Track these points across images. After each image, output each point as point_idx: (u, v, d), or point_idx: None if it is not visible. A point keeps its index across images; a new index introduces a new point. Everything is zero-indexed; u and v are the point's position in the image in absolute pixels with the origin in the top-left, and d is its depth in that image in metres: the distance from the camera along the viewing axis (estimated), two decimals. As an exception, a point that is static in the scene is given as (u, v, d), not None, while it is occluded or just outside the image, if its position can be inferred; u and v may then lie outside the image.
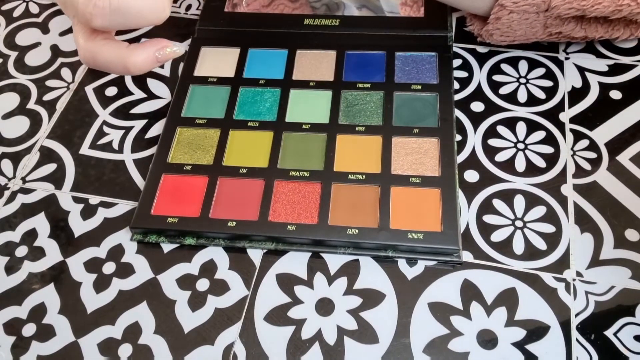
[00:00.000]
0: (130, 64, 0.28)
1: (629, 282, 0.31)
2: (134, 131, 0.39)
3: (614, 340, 0.29)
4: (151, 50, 0.28)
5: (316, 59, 0.40)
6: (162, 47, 0.29)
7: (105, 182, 0.37)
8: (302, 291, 0.32)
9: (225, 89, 0.39)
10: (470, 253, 0.32)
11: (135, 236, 0.34)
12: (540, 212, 0.33)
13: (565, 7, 0.33)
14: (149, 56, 0.28)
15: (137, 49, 0.28)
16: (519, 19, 0.35)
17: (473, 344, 0.30)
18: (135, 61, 0.28)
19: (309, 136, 0.36)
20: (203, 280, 0.33)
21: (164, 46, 0.29)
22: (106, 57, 0.28)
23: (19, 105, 0.42)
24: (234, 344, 0.30)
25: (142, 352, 0.31)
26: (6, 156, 0.39)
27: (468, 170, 0.35)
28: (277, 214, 0.33)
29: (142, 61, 0.28)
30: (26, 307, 0.33)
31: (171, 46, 0.29)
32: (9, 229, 0.36)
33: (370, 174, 0.34)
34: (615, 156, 0.35)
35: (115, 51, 0.28)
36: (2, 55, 0.45)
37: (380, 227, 0.32)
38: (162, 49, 0.29)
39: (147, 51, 0.28)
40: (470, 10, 0.38)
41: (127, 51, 0.28)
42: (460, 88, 0.39)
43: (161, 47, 0.28)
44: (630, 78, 0.39)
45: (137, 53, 0.28)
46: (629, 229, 0.32)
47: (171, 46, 0.29)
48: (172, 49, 0.29)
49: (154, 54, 0.28)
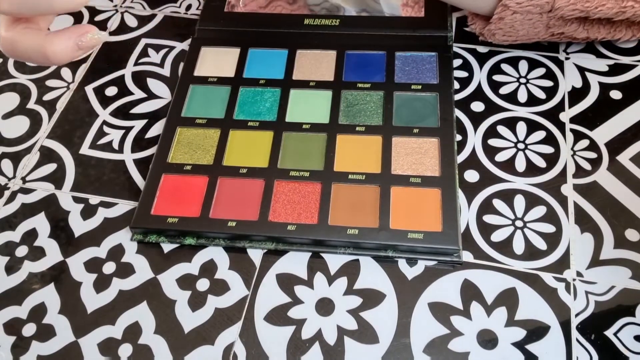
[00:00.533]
0: (49, 52, 0.26)
1: (629, 282, 0.31)
2: (134, 131, 0.39)
3: (614, 340, 0.29)
4: (71, 37, 0.26)
5: (316, 59, 0.40)
6: (83, 32, 0.26)
7: (105, 182, 0.37)
8: (302, 291, 0.32)
9: (225, 89, 0.39)
10: (471, 253, 0.32)
11: (135, 236, 0.34)
12: (541, 212, 0.33)
13: (569, 8, 0.33)
14: (68, 45, 0.26)
15: (56, 37, 0.26)
16: (522, 19, 0.35)
17: (473, 344, 0.30)
18: (54, 50, 0.26)
19: (309, 136, 0.36)
20: (203, 280, 0.33)
21: (85, 32, 0.26)
22: (25, 46, 0.26)
23: (19, 105, 0.42)
24: (234, 344, 0.30)
25: (142, 352, 0.31)
26: (6, 156, 0.39)
27: (468, 170, 0.35)
28: (277, 214, 0.33)
29: (61, 50, 0.26)
30: (26, 307, 0.33)
31: (93, 32, 0.27)
32: (9, 229, 0.36)
33: (370, 174, 0.34)
34: (616, 156, 0.35)
35: (34, 39, 0.26)
36: (2, 55, 0.45)
37: (380, 227, 0.32)
38: (83, 35, 0.26)
39: (66, 39, 0.26)
40: (472, 10, 0.38)
41: (46, 39, 0.26)
42: (460, 88, 0.39)
43: (82, 32, 0.26)
44: (630, 78, 0.39)
45: (56, 42, 0.26)
46: (629, 229, 0.32)
47: (93, 32, 0.27)
48: (93, 34, 0.27)
49: (75, 42, 0.26)
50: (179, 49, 0.44)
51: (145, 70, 0.42)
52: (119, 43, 0.44)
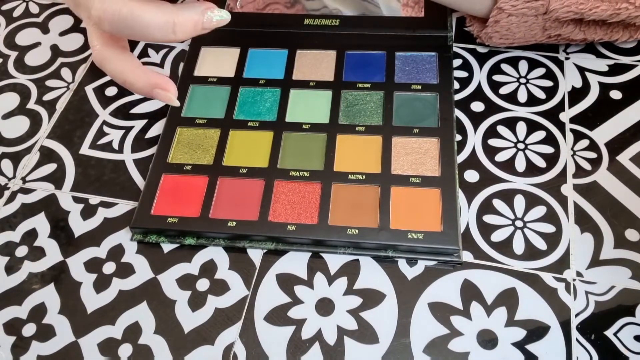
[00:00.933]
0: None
1: (629, 282, 0.31)
2: (134, 131, 0.39)
3: (614, 340, 0.29)
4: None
5: (316, 59, 0.40)
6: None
7: (105, 182, 0.37)
8: (302, 291, 0.32)
9: (225, 89, 0.39)
10: (470, 253, 0.32)
11: (135, 236, 0.34)
12: (541, 212, 0.33)
13: (563, 10, 0.33)
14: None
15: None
16: (518, 21, 0.35)
17: (473, 344, 0.30)
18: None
19: (309, 136, 0.36)
20: (203, 280, 0.33)
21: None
22: (113, 68, 0.28)
23: (19, 105, 0.42)
24: (234, 344, 0.30)
25: (142, 352, 0.31)
26: (6, 156, 0.39)
27: (468, 170, 0.35)
28: (277, 214, 0.33)
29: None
30: (26, 307, 0.33)
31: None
32: (9, 229, 0.36)
33: (370, 174, 0.34)
34: (616, 156, 0.35)
35: (123, 66, 0.28)
36: (2, 55, 0.45)
37: (380, 227, 0.32)
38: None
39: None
40: (469, 12, 0.38)
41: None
42: (460, 88, 0.39)
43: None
44: (630, 78, 0.39)
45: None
46: (629, 229, 0.32)
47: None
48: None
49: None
50: (179, 49, 0.44)
51: (145, 70, 0.42)
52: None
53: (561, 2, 0.33)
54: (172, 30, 0.26)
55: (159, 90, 0.28)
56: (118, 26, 0.25)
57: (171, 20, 0.25)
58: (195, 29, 0.26)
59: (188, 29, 0.26)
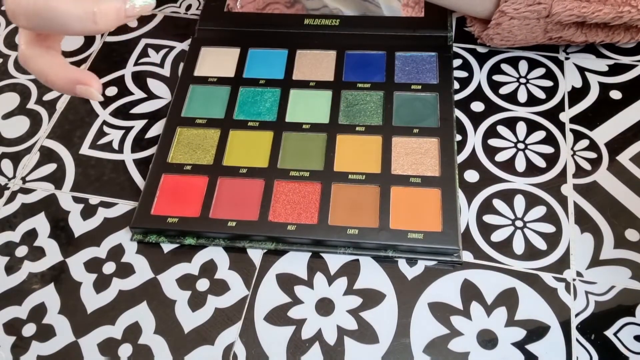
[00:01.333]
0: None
1: (629, 282, 0.31)
2: (134, 131, 0.39)
3: (614, 340, 0.29)
4: (74, 75, 0.26)
5: (316, 59, 0.40)
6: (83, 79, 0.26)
7: (105, 182, 0.37)
8: (302, 291, 0.32)
9: (225, 89, 0.39)
10: (470, 253, 0.32)
11: (135, 236, 0.34)
12: (540, 212, 0.33)
13: (566, 13, 0.33)
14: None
15: (64, 71, 0.26)
16: (520, 24, 0.35)
17: (473, 344, 0.30)
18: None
19: (309, 136, 0.36)
20: (203, 280, 0.33)
21: (87, 81, 0.26)
22: (35, 68, 0.27)
23: (19, 105, 0.42)
24: (234, 344, 0.30)
25: (142, 352, 0.31)
26: (6, 156, 0.39)
27: (468, 170, 0.35)
28: (277, 214, 0.33)
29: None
30: (26, 307, 0.33)
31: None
32: (9, 229, 0.35)
33: (370, 174, 0.34)
34: (616, 156, 0.35)
35: (45, 66, 0.27)
36: (2, 55, 0.45)
37: (380, 227, 0.32)
38: (84, 83, 0.26)
39: (71, 73, 0.26)
40: (470, 14, 0.38)
41: (55, 69, 0.26)
42: (460, 88, 0.39)
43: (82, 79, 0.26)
44: (630, 78, 0.39)
45: (61, 74, 0.26)
46: (629, 229, 0.32)
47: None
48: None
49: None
50: (179, 49, 0.44)
51: (145, 70, 0.42)
52: (119, 43, 0.44)
53: (563, 6, 0.33)
54: (92, 20, 0.24)
55: (80, 86, 0.27)
56: (34, 20, 0.24)
57: (91, 10, 0.24)
58: (118, 18, 0.25)
59: (110, 17, 0.25)
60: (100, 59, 0.44)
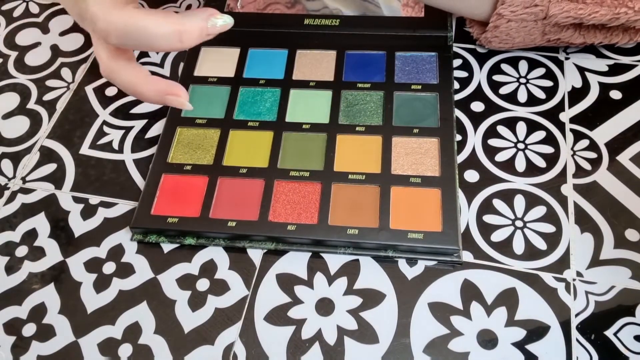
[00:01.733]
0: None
1: (629, 282, 0.31)
2: (134, 131, 0.39)
3: (614, 340, 0.29)
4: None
5: (316, 59, 0.40)
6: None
7: (105, 182, 0.37)
8: (302, 291, 0.32)
9: (225, 89, 0.39)
10: (470, 253, 0.32)
11: (135, 236, 0.34)
12: (541, 212, 0.33)
13: (562, 15, 0.33)
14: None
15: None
16: (518, 27, 0.35)
17: (473, 344, 0.30)
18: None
19: (309, 136, 0.36)
20: (203, 280, 0.33)
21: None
22: (122, 80, 0.28)
23: (19, 105, 0.42)
24: (234, 344, 0.30)
25: (142, 352, 0.31)
26: (6, 156, 0.39)
27: (468, 170, 0.35)
28: (277, 214, 0.33)
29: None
30: (26, 307, 0.33)
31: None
32: (9, 229, 0.36)
33: (370, 174, 0.34)
34: (616, 156, 0.35)
35: (132, 78, 0.28)
36: (2, 55, 0.45)
37: (380, 227, 0.32)
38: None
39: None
40: (468, 17, 0.38)
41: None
42: (460, 88, 0.39)
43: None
44: (630, 78, 0.39)
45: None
46: (629, 229, 0.32)
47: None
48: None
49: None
50: (179, 49, 0.43)
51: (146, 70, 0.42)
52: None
53: (560, 8, 0.33)
54: (178, 39, 0.26)
55: (171, 97, 0.28)
56: (125, 38, 0.26)
57: (177, 29, 0.25)
58: (201, 36, 0.26)
59: (194, 36, 0.26)
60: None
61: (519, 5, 0.34)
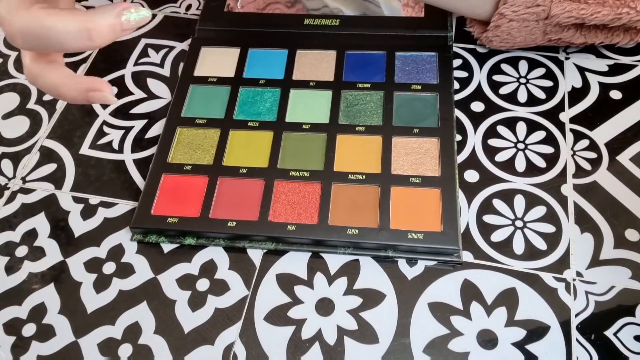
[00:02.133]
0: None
1: (629, 282, 0.31)
2: (134, 131, 0.39)
3: (614, 340, 0.29)
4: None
5: (316, 59, 0.40)
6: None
7: (105, 182, 0.37)
8: (302, 291, 0.32)
9: (225, 89, 0.39)
10: (470, 253, 0.32)
11: (135, 236, 0.34)
12: (540, 212, 0.33)
13: (564, 15, 0.33)
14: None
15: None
16: (519, 26, 0.35)
17: (473, 344, 0.30)
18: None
19: (309, 136, 0.36)
20: (203, 280, 0.33)
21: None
22: (45, 83, 0.27)
23: (19, 105, 0.42)
24: (234, 344, 0.30)
25: (142, 352, 0.31)
26: (6, 156, 0.39)
27: (468, 170, 0.35)
28: (277, 214, 0.33)
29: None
30: (26, 307, 0.33)
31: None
32: (9, 229, 0.36)
33: (370, 174, 0.34)
34: (616, 156, 0.35)
35: (54, 80, 0.27)
36: (2, 55, 0.45)
37: (380, 227, 0.32)
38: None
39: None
40: (469, 16, 0.38)
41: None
42: (460, 88, 0.39)
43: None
44: (630, 78, 0.39)
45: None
46: (629, 229, 0.32)
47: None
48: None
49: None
50: (179, 49, 0.44)
51: (145, 70, 0.42)
52: (119, 43, 0.44)
53: (562, 8, 0.33)
54: (88, 37, 0.24)
55: (93, 93, 0.27)
56: (31, 41, 0.24)
57: (85, 27, 0.24)
58: (114, 33, 0.25)
59: (105, 34, 0.24)
60: (101, 59, 0.44)
61: (520, 5, 0.34)
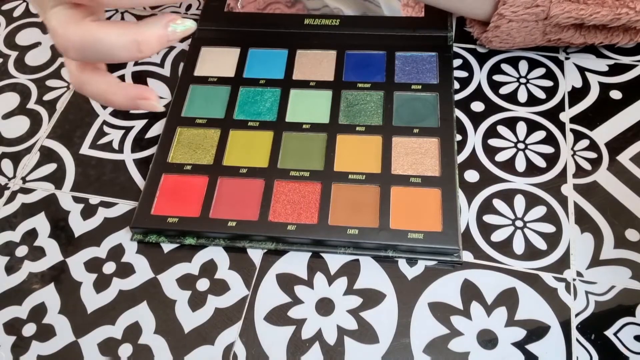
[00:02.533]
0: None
1: (629, 282, 0.31)
2: (134, 131, 0.39)
3: (614, 340, 0.29)
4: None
5: (316, 59, 0.40)
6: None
7: (105, 182, 0.37)
8: (302, 291, 0.32)
9: (226, 89, 0.39)
10: (471, 253, 0.32)
11: (135, 236, 0.34)
12: (541, 212, 0.33)
13: (564, 16, 0.33)
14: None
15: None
16: (518, 27, 0.35)
17: (473, 344, 0.30)
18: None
19: (309, 136, 0.36)
20: (203, 280, 0.33)
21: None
22: (93, 90, 0.28)
23: (19, 105, 0.42)
24: (234, 344, 0.30)
25: (142, 352, 0.31)
26: (6, 156, 0.39)
27: (468, 170, 0.35)
28: (277, 213, 0.33)
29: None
30: (26, 307, 0.33)
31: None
32: (9, 229, 0.36)
33: (371, 174, 0.34)
34: (616, 156, 0.35)
35: (102, 87, 0.28)
36: (2, 55, 0.45)
37: (381, 227, 0.32)
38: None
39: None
40: (469, 16, 0.38)
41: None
42: (460, 88, 0.39)
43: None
44: (630, 78, 0.39)
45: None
46: (629, 229, 0.32)
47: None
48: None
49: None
50: (179, 49, 0.44)
51: (145, 70, 0.42)
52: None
53: (561, 8, 0.33)
54: (137, 49, 0.25)
55: (141, 101, 0.28)
56: (84, 52, 0.25)
57: (135, 39, 0.25)
58: (161, 44, 0.26)
59: (153, 45, 0.26)
60: (100, 59, 0.44)
61: (520, 5, 0.34)
